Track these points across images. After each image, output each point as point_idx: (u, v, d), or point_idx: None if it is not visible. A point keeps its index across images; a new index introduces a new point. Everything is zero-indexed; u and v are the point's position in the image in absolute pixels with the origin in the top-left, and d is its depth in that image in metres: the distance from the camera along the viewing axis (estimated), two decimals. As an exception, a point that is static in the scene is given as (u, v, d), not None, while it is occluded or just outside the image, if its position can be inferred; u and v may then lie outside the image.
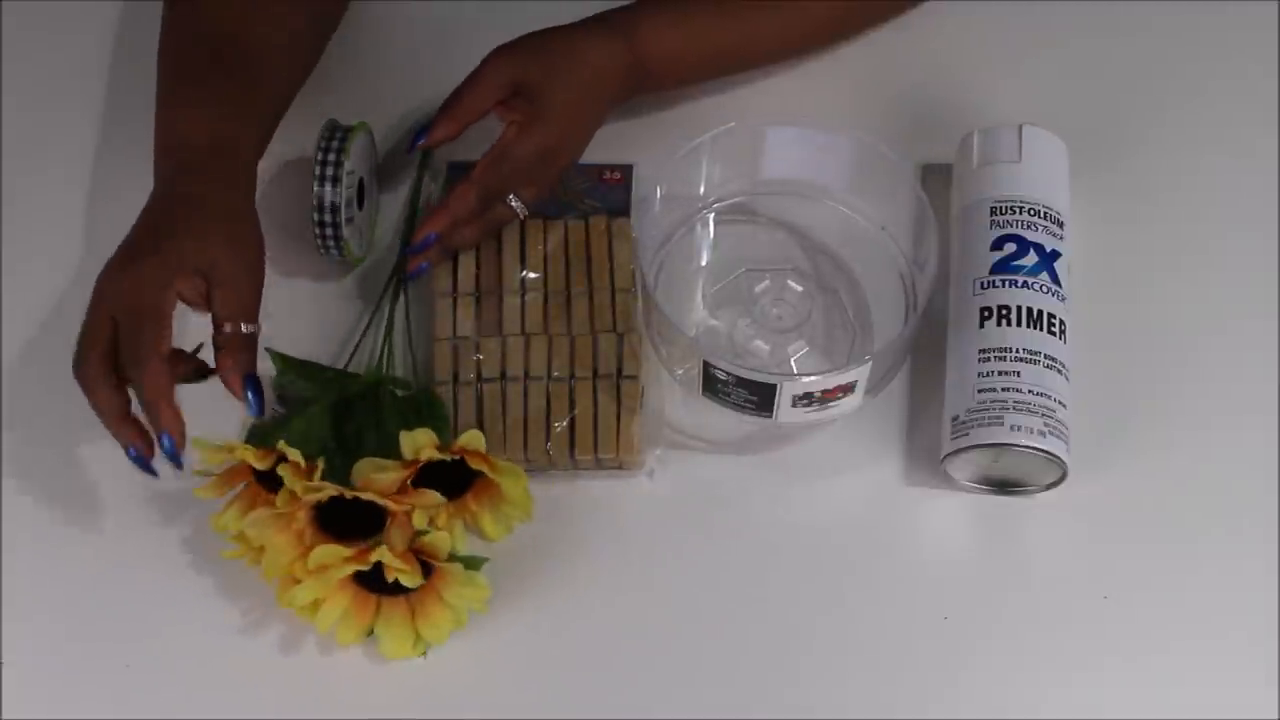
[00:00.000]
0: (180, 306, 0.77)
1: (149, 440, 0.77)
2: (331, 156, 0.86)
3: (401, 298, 0.89)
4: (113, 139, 0.98)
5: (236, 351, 0.78)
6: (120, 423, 0.77)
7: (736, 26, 0.91)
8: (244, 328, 0.78)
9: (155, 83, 0.85)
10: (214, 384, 0.86)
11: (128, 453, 0.77)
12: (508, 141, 0.86)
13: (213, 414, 0.86)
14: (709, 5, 0.90)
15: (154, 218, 0.80)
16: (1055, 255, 0.85)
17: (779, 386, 0.80)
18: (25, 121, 0.99)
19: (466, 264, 0.89)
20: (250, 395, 0.77)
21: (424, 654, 0.79)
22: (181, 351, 0.78)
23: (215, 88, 0.83)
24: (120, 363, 0.76)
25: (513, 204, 0.88)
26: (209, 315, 0.78)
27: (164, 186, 0.81)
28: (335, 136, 0.87)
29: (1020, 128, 0.89)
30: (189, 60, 0.85)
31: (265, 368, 0.85)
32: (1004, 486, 0.84)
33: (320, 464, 0.78)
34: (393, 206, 0.94)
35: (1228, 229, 0.93)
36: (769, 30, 0.92)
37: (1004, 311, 0.83)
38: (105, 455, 0.86)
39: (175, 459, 0.76)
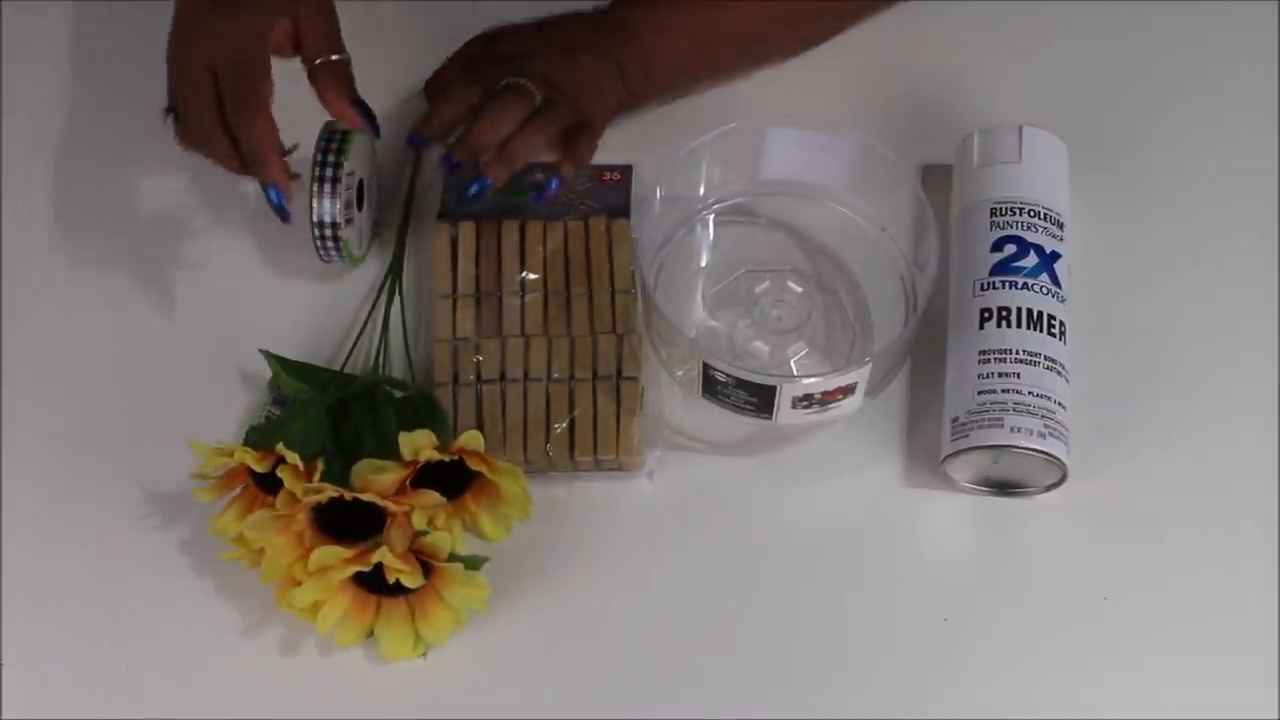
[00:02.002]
0: None
1: (289, 177, 0.80)
2: (331, 158, 0.86)
3: (398, 298, 0.89)
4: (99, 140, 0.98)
5: (336, 79, 0.80)
6: (259, 168, 0.79)
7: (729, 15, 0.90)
8: (334, 57, 0.81)
9: None
10: (206, 386, 0.86)
11: (268, 194, 0.80)
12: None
13: (211, 416, 0.86)
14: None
15: None
16: (1055, 256, 0.85)
17: (779, 388, 0.80)
18: (26, 122, 0.99)
19: (466, 265, 0.89)
20: (361, 114, 0.81)
21: (424, 654, 0.79)
22: None
23: None
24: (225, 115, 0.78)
25: (526, 86, 0.86)
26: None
27: None
28: (334, 139, 0.87)
29: (1020, 128, 0.89)
30: None
31: (281, 349, 0.87)
32: (1004, 488, 0.84)
33: (319, 465, 0.78)
34: (394, 206, 0.94)
35: (1228, 229, 0.93)
36: (761, 18, 0.91)
37: (1004, 313, 0.83)
38: (105, 455, 0.86)
39: (283, 210, 0.80)
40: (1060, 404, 0.81)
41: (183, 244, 0.93)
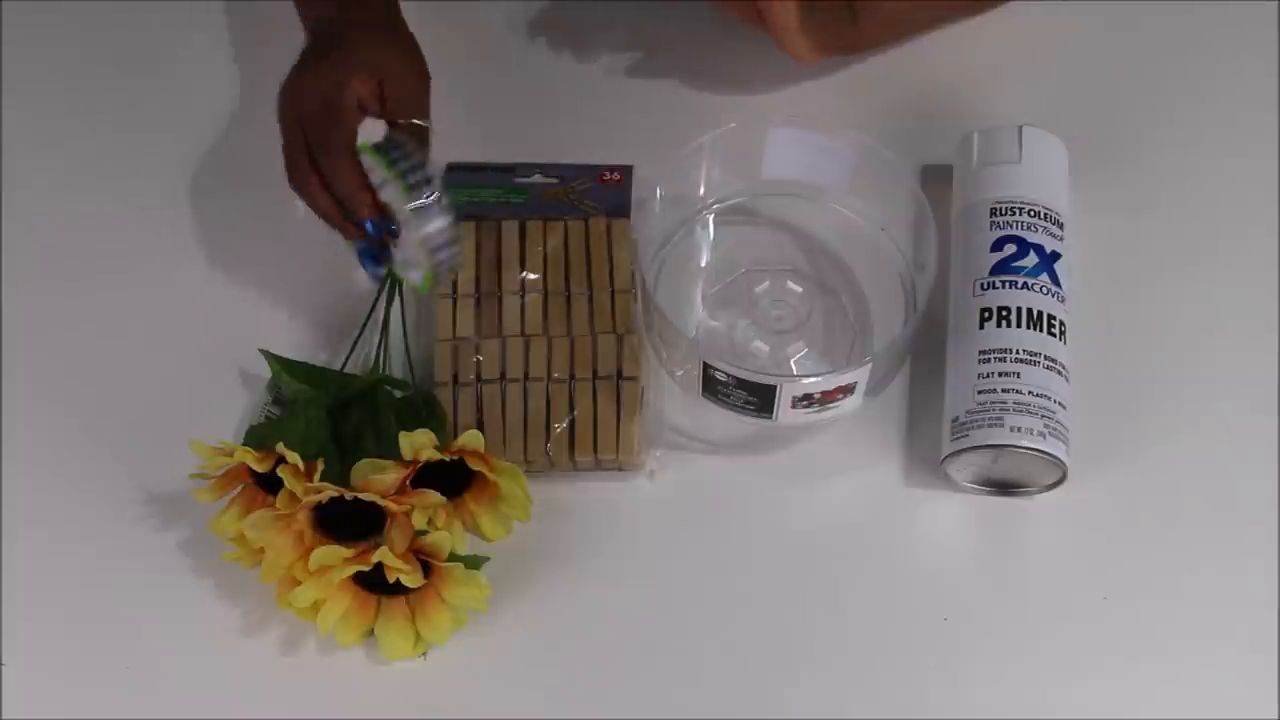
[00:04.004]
0: None
1: (380, 213, 0.81)
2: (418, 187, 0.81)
3: (398, 298, 0.89)
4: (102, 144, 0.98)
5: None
6: (350, 203, 0.81)
7: None
8: (417, 122, 0.83)
9: None
10: (206, 386, 0.86)
11: (359, 246, 0.82)
12: None
13: (211, 416, 0.86)
14: None
15: (321, 39, 0.85)
16: (1055, 256, 0.85)
17: (779, 388, 0.80)
18: (26, 122, 0.99)
19: (466, 266, 0.89)
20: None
21: (424, 654, 0.79)
22: None
23: None
24: (315, 163, 0.81)
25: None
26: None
27: (322, 22, 0.86)
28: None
29: (1020, 128, 0.89)
30: None
31: (281, 349, 0.86)
32: (1004, 488, 0.84)
33: (320, 465, 0.78)
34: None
35: (1228, 229, 0.93)
36: None
37: (1004, 312, 0.83)
38: (105, 456, 0.86)
39: (382, 243, 0.81)
40: (1060, 404, 0.81)
41: (183, 244, 0.93)
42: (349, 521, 0.77)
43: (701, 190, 0.91)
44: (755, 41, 0.91)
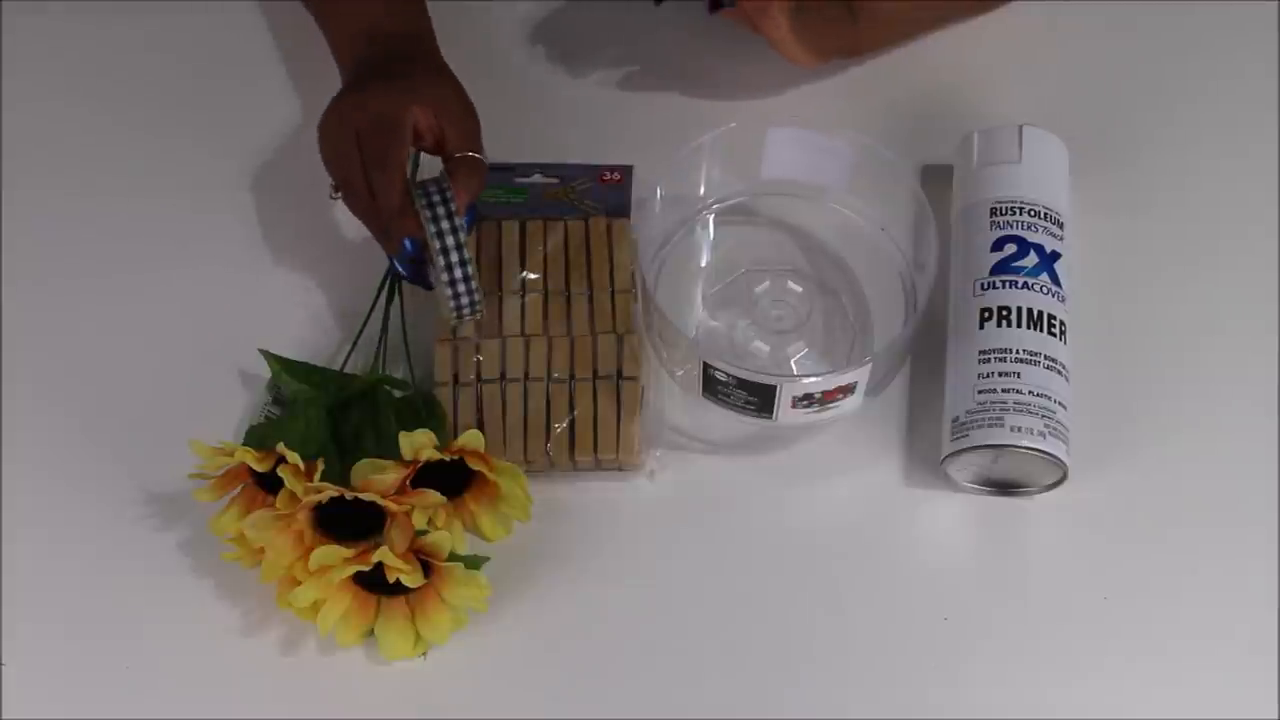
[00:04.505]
0: None
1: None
2: (442, 210, 0.82)
3: (397, 298, 0.89)
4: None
5: (470, 174, 0.83)
6: (393, 220, 0.82)
7: None
8: (474, 155, 0.85)
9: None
10: (206, 386, 0.86)
11: (404, 245, 0.84)
12: None
13: (211, 416, 0.86)
14: None
15: (375, 69, 0.86)
16: (1055, 256, 0.85)
17: (779, 388, 0.80)
18: (26, 122, 0.99)
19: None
20: (466, 217, 0.83)
21: (424, 654, 0.79)
22: None
23: None
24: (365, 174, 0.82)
25: None
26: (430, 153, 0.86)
27: (366, 63, 0.87)
28: (443, 193, 0.82)
29: (1020, 128, 0.89)
30: None
31: (281, 349, 0.86)
32: (1004, 488, 0.84)
33: (320, 465, 0.78)
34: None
35: (1228, 229, 0.93)
36: None
37: (1004, 312, 0.83)
38: (105, 456, 0.86)
39: (419, 262, 0.84)
40: (1060, 404, 0.81)
41: (183, 244, 0.93)
42: (349, 521, 0.77)
43: (701, 190, 0.91)
44: (755, 42, 0.91)
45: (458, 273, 0.82)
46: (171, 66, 1.01)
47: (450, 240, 0.81)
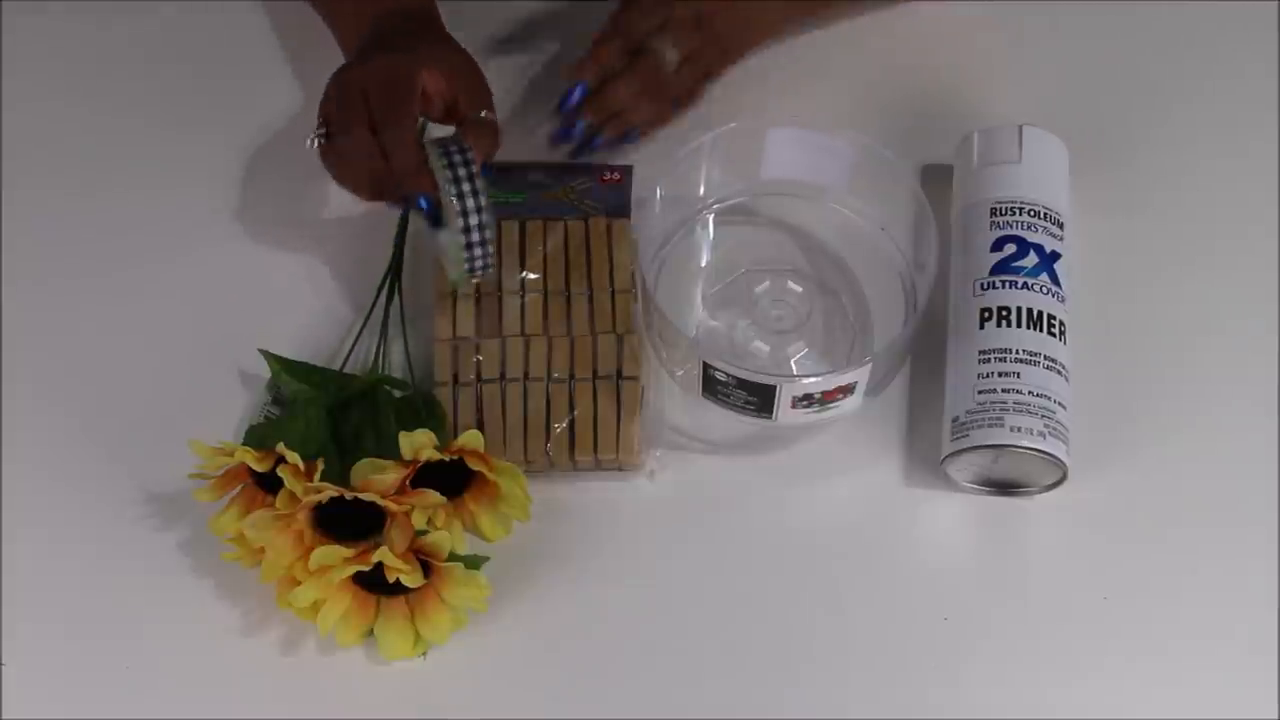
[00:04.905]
0: None
1: (435, 187, 0.81)
2: (462, 170, 0.81)
3: (397, 298, 0.89)
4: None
5: (483, 134, 0.84)
6: (407, 178, 0.81)
7: None
8: (484, 114, 0.85)
9: None
10: (206, 386, 0.86)
11: (419, 204, 0.82)
12: None
13: (211, 416, 0.86)
14: None
15: (380, 42, 0.86)
16: (1055, 256, 0.85)
17: (779, 388, 0.80)
18: (26, 122, 0.99)
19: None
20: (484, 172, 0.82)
21: (424, 654, 0.79)
22: None
23: None
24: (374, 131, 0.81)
25: (664, 52, 0.90)
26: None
27: (372, 38, 0.87)
28: (461, 150, 0.81)
29: (1020, 128, 0.89)
30: None
31: (281, 349, 0.85)
32: (1004, 488, 0.84)
33: (320, 465, 0.78)
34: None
35: (1228, 229, 0.93)
36: None
37: (1004, 312, 0.83)
38: (105, 456, 0.86)
39: (435, 216, 0.82)
40: (1060, 404, 0.81)
41: (183, 243, 0.93)
42: (349, 521, 0.77)
43: (701, 190, 0.91)
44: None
45: (476, 234, 0.81)
46: (171, 66, 1.01)
47: (471, 202, 0.80)
